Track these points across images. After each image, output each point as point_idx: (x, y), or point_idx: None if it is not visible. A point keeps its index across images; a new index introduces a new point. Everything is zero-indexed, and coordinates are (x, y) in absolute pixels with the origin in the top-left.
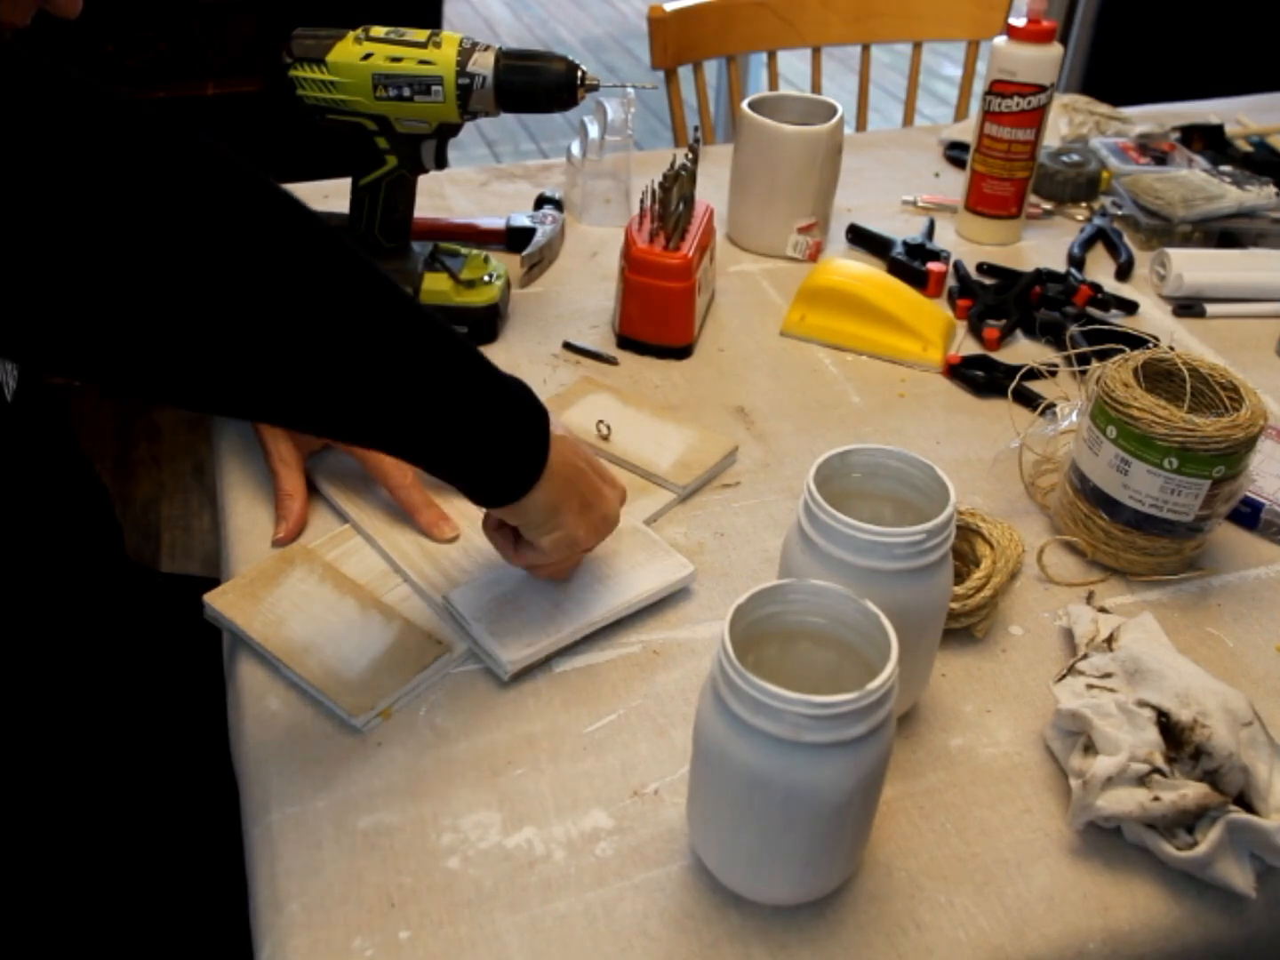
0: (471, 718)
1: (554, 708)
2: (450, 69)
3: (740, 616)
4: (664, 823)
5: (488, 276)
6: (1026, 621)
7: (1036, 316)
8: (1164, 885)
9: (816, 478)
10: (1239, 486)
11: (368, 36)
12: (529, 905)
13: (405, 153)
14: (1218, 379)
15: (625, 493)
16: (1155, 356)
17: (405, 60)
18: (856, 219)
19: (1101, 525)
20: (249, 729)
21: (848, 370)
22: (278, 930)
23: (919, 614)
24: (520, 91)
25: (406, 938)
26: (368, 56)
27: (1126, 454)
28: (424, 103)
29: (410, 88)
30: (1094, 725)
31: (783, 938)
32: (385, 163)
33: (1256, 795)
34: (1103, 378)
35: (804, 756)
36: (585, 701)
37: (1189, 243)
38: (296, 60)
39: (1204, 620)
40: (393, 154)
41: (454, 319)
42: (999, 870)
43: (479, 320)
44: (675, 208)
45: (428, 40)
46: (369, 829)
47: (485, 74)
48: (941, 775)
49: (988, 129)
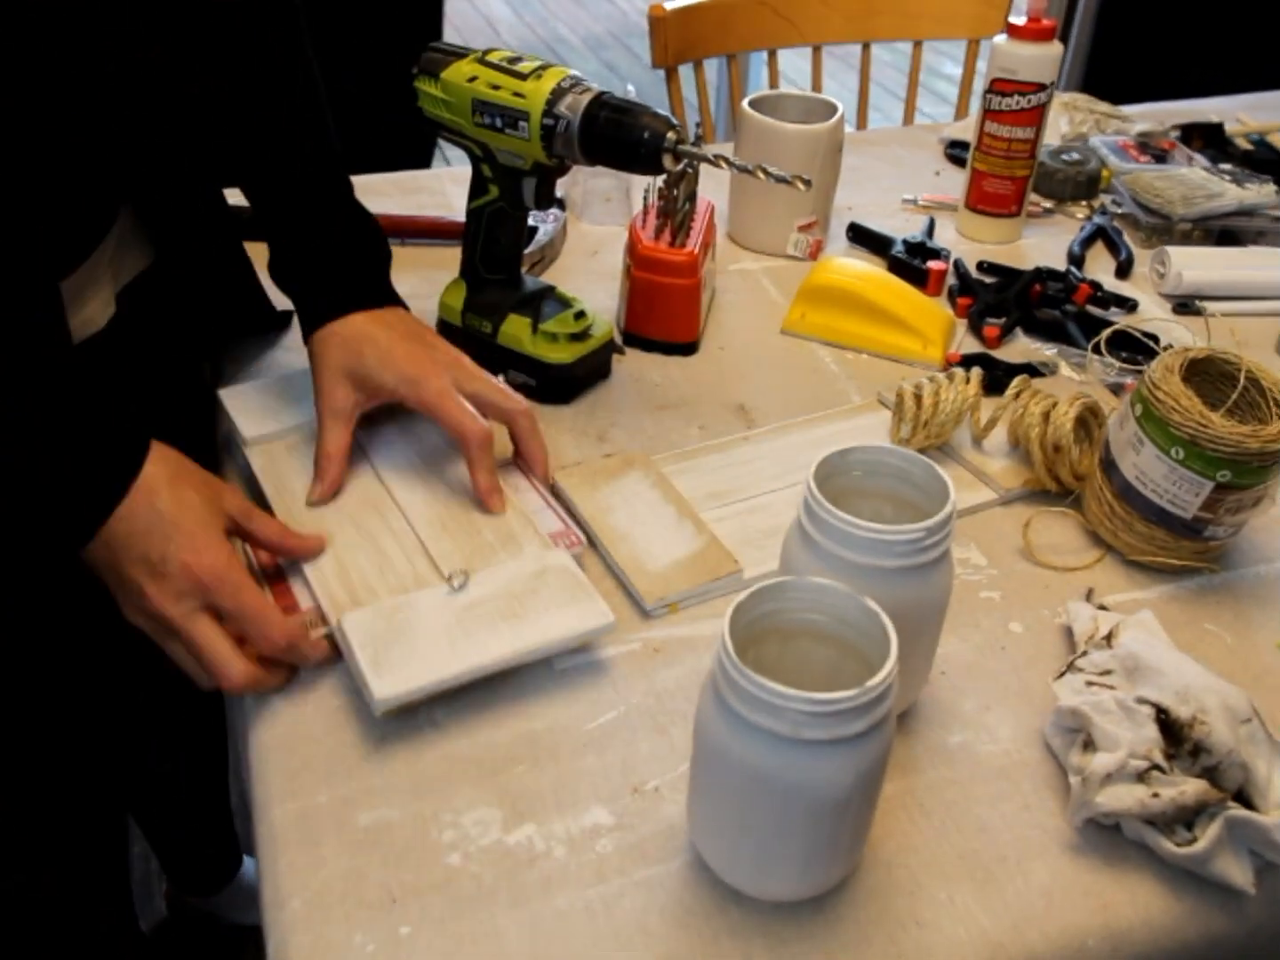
0: (472, 715)
1: (555, 705)
2: (538, 106)
3: (740, 614)
4: (664, 820)
5: (574, 335)
6: (1026, 618)
7: (1037, 315)
8: (1163, 882)
9: (817, 475)
10: (1250, 501)
11: (483, 60)
12: (529, 902)
13: (506, 185)
14: (1277, 393)
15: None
16: (1220, 356)
17: (502, 89)
18: (857, 217)
19: (1109, 498)
20: (250, 726)
21: (848, 368)
22: (279, 926)
23: (918, 611)
24: (603, 143)
25: (407, 934)
26: (472, 80)
27: (1143, 433)
28: (513, 137)
29: (501, 118)
30: (1093, 722)
31: (783, 934)
32: (489, 191)
33: (1256, 792)
34: (1159, 361)
35: (804, 753)
36: (586, 699)
37: (1189, 241)
38: (420, 72)
39: (1203, 617)
40: (495, 184)
41: (528, 369)
42: (999, 867)
43: (550, 378)
44: (680, 205)
45: (531, 72)
46: (370, 825)
47: (572, 118)
48: (941, 772)
49: (988, 127)
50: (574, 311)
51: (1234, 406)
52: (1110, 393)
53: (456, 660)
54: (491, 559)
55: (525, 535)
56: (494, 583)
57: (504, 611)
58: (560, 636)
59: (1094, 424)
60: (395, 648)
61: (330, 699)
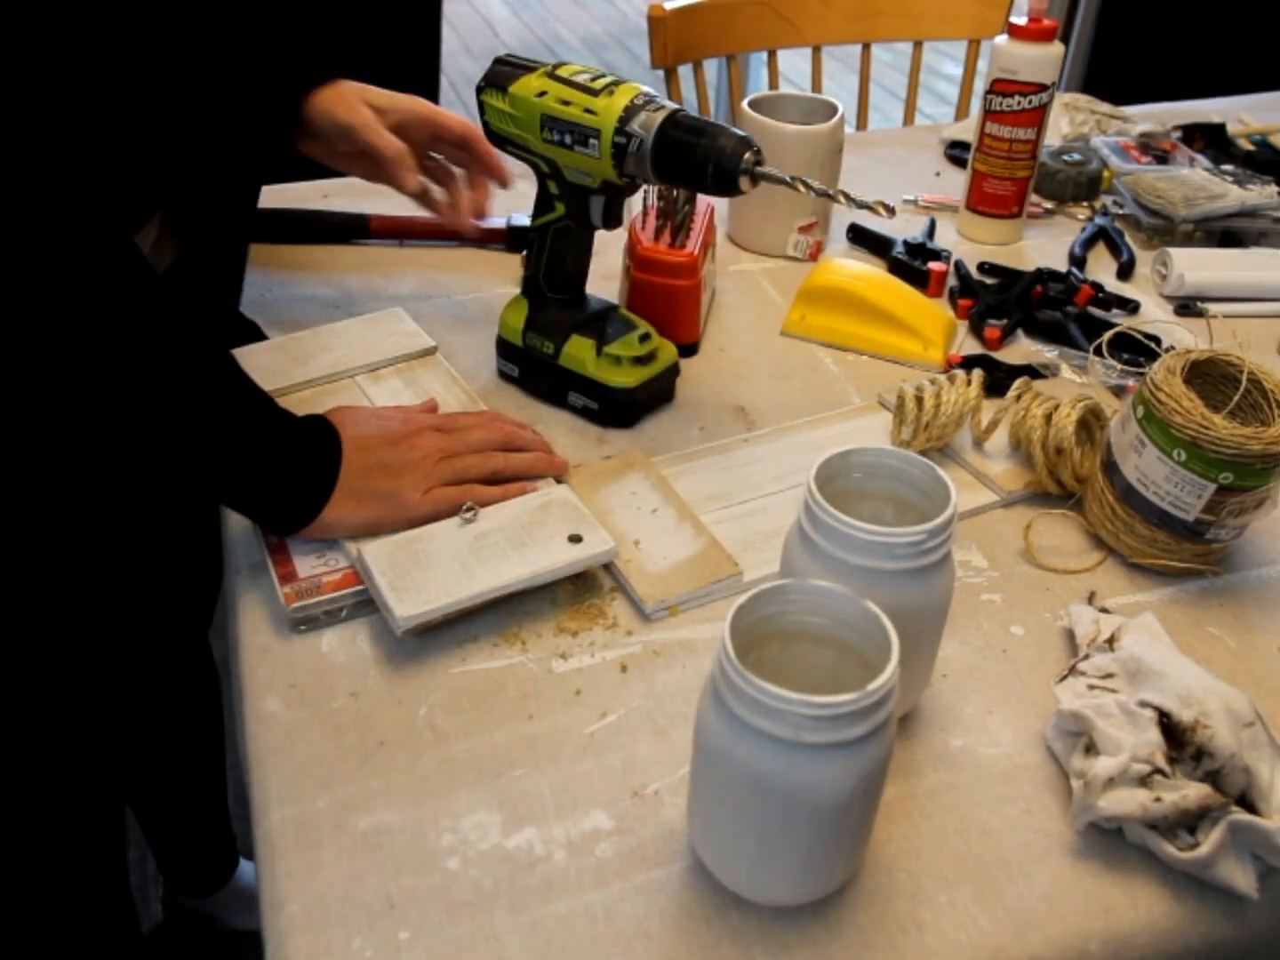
0: (471, 718)
1: (554, 708)
2: (610, 124)
3: (741, 617)
4: (664, 823)
5: (638, 359)
6: (1028, 622)
7: (1038, 316)
8: (1166, 886)
9: (817, 478)
10: (1252, 503)
11: (552, 74)
12: (529, 906)
13: (573, 203)
14: (1279, 395)
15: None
16: (1222, 358)
17: (573, 105)
18: (857, 218)
19: (1110, 500)
20: (249, 729)
21: (848, 370)
22: (278, 931)
23: (920, 614)
24: (677, 164)
25: (406, 938)
26: (542, 94)
27: (1145, 435)
28: (582, 154)
29: (571, 135)
30: (1095, 726)
31: (783, 938)
32: (555, 209)
33: (1258, 796)
34: (1161, 363)
35: (804, 757)
36: (585, 702)
37: (1190, 242)
38: (487, 85)
39: (1206, 620)
40: (561, 201)
41: (590, 391)
42: (1000, 871)
43: (613, 401)
44: (680, 206)
45: (604, 88)
46: (369, 829)
47: (645, 136)
48: (942, 776)
49: (989, 128)
50: (639, 334)
51: (1236, 408)
52: (1112, 394)
53: (470, 584)
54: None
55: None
56: (503, 515)
57: (513, 540)
58: (566, 562)
59: (1096, 426)
60: (413, 574)
61: (329, 703)
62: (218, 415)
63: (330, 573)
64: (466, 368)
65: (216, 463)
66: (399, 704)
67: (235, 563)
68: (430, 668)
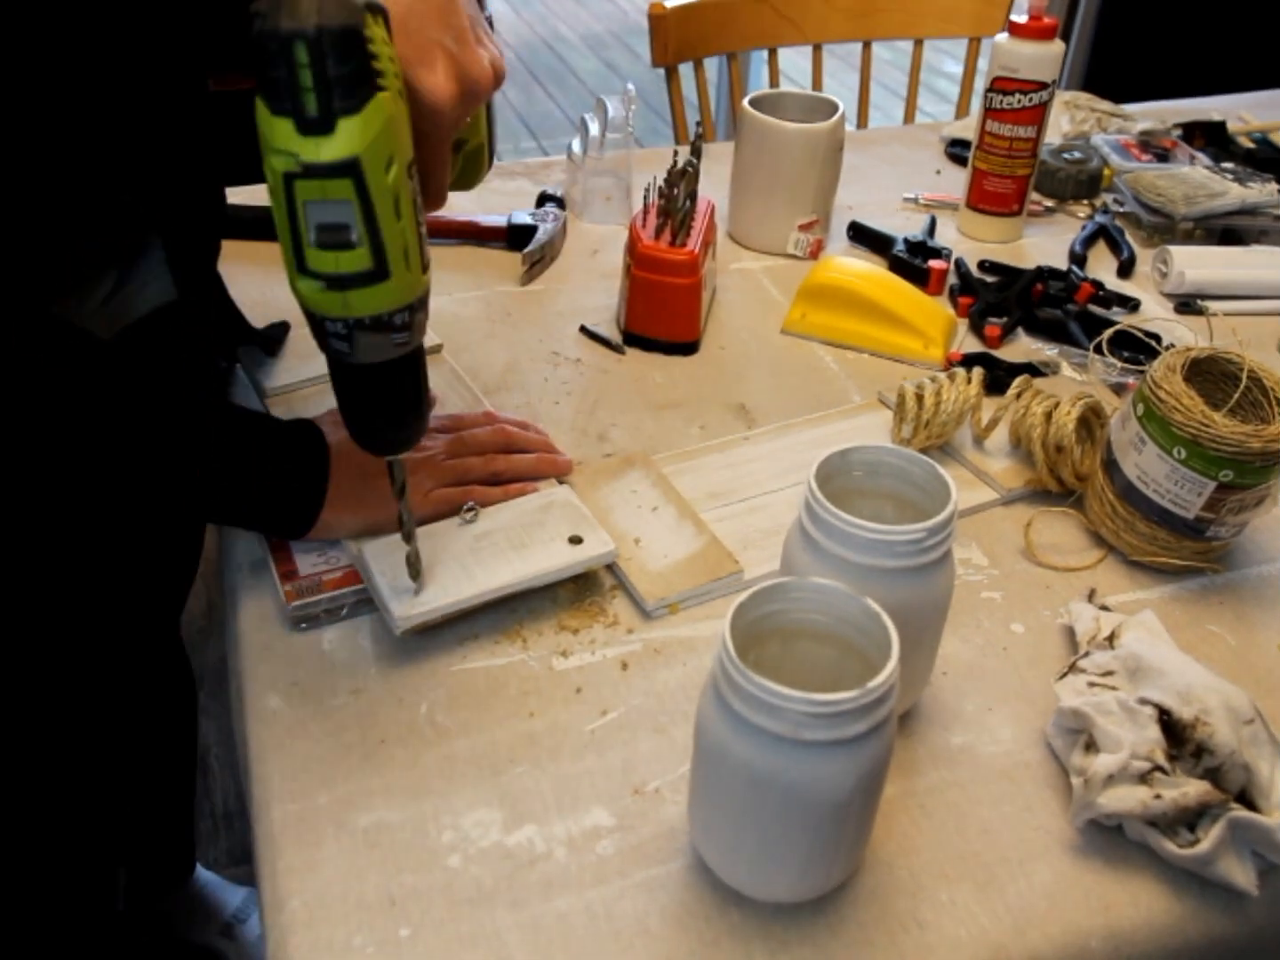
0: (472, 716)
1: (555, 706)
2: None
3: (741, 614)
4: (665, 821)
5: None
6: (1028, 619)
7: (1038, 314)
8: (1166, 883)
9: (818, 476)
10: (1252, 501)
11: None
12: (530, 903)
13: None
14: (1279, 393)
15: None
16: (1222, 355)
17: None
18: (858, 216)
19: (1111, 498)
20: (250, 727)
21: (849, 368)
22: (279, 928)
23: (920, 612)
24: None
25: (407, 935)
26: None
27: (1145, 433)
28: None
29: None
30: (1095, 723)
31: (783, 936)
32: None
33: (1258, 793)
34: (1161, 361)
35: (805, 755)
36: (586, 700)
37: (1191, 240)
38: None
39: (1205, 618)
40: None
41: None
42: (1000, 868)
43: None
44: (681, 204)
45: None
46: (370, 827)
47: None
48: (943, 773)
49: (989, 126)
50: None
51: (1236, 406)
52: (1112, 392)
53: (470, 584)
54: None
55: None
56: (503, 516)
57: (513, 541)
58: (565, 563)
59: (1096, 424)
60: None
61: (330, 699)
62: (207, 441)
63: (331, 571)
64: (468, 366)
65: (207, 484)
66: (400, 701)
67: (236, 560)
68: (431, 665)
